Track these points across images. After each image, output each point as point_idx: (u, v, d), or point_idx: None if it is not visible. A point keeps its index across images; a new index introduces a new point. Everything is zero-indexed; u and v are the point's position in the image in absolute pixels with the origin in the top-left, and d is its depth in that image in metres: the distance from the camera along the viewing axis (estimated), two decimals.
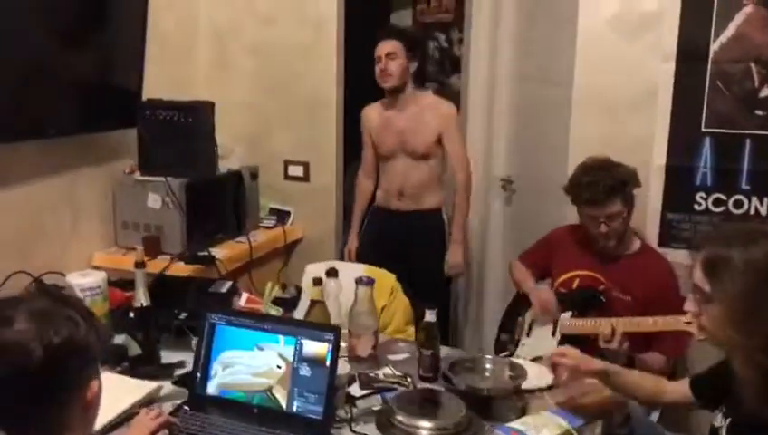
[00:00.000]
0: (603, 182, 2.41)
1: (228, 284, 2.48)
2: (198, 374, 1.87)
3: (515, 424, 1.71)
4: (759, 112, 2.67)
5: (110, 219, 2.93)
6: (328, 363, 1.76)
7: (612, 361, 2.35)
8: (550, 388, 2.02)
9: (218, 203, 3.01)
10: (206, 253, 2.81)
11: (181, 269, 2.70)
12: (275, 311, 2.20)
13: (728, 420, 1.50)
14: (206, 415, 1.80)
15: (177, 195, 2.74)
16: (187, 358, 2.10)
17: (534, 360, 2.53)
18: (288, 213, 3.44)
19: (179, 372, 2.04)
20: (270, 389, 1.80)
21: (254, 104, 3.48)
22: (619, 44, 2.84)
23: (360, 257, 3.19)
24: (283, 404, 1.78)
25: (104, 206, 2.91)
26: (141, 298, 2.07)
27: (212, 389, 1.85)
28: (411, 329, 2.73)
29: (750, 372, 1.36)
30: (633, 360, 2.38)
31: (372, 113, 3.28)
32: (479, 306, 3.82)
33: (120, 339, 2.27)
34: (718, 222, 2.74)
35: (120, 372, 2.03)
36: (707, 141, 2.74)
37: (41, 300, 1.09)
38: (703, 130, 2.74)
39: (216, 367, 1.86)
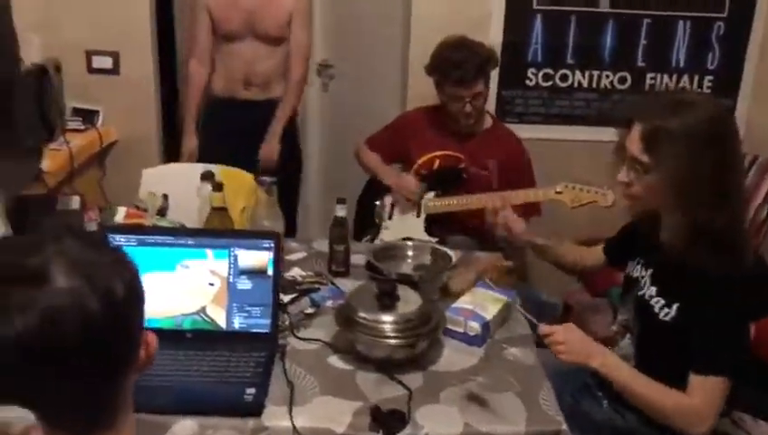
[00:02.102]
0: (472, 61, 2.44)
1: (75, 199, 2.15)
2: None
3: (463, 304, 1.75)
4: None
5: None
6: (270, 272, 1.62)
7: (496, 232, 2.50)
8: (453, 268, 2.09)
9: (24, 106, 2.49)
10: None
11: None
12: (169, 223, 1.94)
13: (650, 270, 1.68)
14: None
15: None
16: None
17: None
18: (96, 112, 2.98)
19: None
20: (203, 309, 1.62)
21: None
22: None
23: (203, 157, 2.87)
24: (222, 323, 1.62)
25: None
26: (0, 227, 1.70)
27: None
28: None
29: (685, 223, 1.51)
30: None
31: None
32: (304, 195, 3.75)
33: None
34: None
35: None
36: (538, 18, 2.90)
37: (68, 240, 0.82)
38: (535, 7, 2.88)
39: None
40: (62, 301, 0.77)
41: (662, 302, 1.60)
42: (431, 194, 2.65)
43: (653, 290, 1.64)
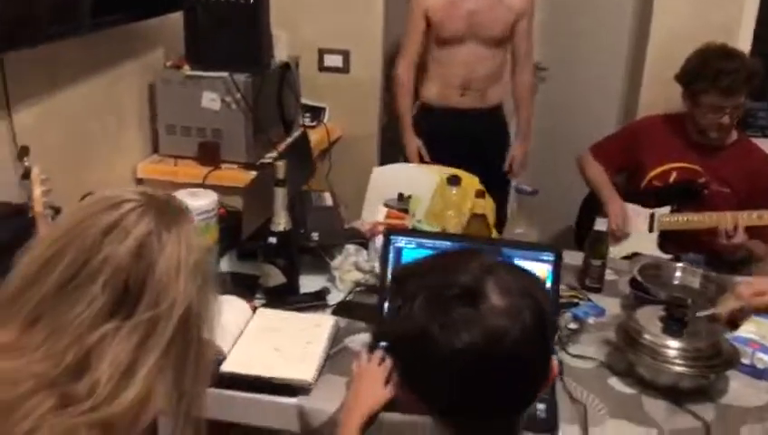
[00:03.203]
0: (743, 71, 2.27)
1: (327, 196, 2.21)
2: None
3: (748, 334, 1.64)
4: None
5: (148, 123, 2.51)
6: (549, 286, 1.59)
7: (731, 255, 2.33)
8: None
9: (271, 101, 2.62)
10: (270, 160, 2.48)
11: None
12: (429, 226, 1.96)
13: None
14: None
15: (244, 93, 2.36)
16: (322, 283, 1.87)
17: (629, 256, 2.48)
18: (323, 109, 3.08)
19: (332, 300, 1.82)
20: None
21: None
22: None
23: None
24: None
25: (142, 107, 2.47)
26: (282, 221, 1.78)
27: None
28: (495, 233, 2.58)
29: None
30: (752, 253, 2.38)
31: None
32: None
33: (225, 265, 2.00)
34: None
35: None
36: None
37: (485, 256, 0.84)
38: None
39: None
40: (503, 319, 0.78)
41: None
42: (666, 209, 2.52)
43: None
